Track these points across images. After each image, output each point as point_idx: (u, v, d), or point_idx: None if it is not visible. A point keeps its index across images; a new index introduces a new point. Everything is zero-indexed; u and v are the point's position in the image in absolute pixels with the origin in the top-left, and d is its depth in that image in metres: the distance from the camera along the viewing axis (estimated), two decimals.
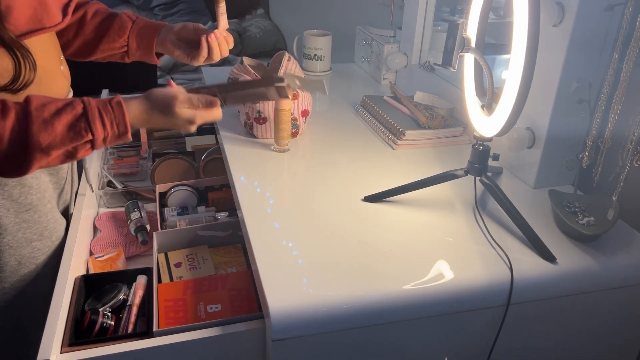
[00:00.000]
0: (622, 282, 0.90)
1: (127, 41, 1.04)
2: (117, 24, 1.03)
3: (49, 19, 0.85)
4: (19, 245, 0.93)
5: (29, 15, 0.81)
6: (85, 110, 0.77)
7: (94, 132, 0.77)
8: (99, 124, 0.78)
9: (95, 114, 0.78)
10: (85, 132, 0.77)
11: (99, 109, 0.78)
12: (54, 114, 0.76)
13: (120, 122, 0.80)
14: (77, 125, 0.77)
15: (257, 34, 3.53)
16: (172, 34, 1.03)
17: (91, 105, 0.78)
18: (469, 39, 0.91)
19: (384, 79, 1.67)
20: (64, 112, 0.76)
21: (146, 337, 0.84)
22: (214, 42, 0.99)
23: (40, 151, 0.75)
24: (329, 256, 0.87)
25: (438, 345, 0.87)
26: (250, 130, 1.26)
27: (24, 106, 0.75)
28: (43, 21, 0.84)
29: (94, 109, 0.78)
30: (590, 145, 0.98)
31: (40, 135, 0.74)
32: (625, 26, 0.88)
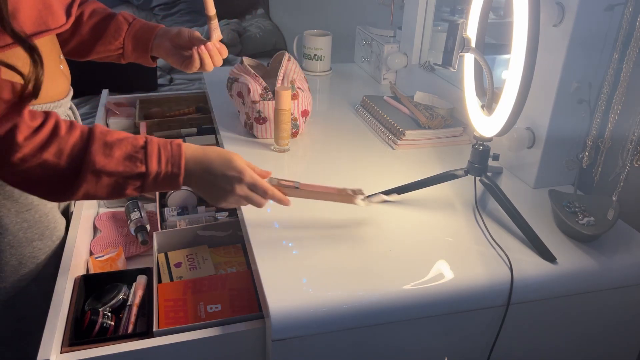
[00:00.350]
0: (622, 282, 0.90)
1: (123, 43, 1.04)
2: (114, 26, 1.03)
3: (53, 21, 0.85)
4: (20, 244, 0.93)
5: (35, 17, 0.81)
6: (145, 144, 0.77)
7: (148, 165, 0.76)
8: (155, 158, 0.77)
9: (154, 149, 0.77)
10: (141, 163, 0.76)
11: (158, 145, 0.78)
12: (117, 141, 0.76)
13: (176, 162, 0.78)
14: (134, 156, 0.76)
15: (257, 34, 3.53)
16: (167, 40, 1.02)
17: (152, 140, 0.78)
18: (469, 39, 0.91)
19: (384, 79, 1.67)
20: (126, 141, 0.77)
21: (146, 337, 0.84)
22: (204, 54, 0.99)
23: (92, 172, 0.74)
24: (329, 256, 0.87)
25: (438, 345, 0.87)
26: (250, 130, 1.26)
27: (90, 128, 0.76)
28: (48, 22, 0.84)
29: (154, 144, 0.78)
30: (590, 145, 0.98)
31: (98, 155, 0.74)
32: (625, 26, 0.88)
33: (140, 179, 0.77)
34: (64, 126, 0.75)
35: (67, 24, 0.89)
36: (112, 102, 1.71)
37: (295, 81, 1.24)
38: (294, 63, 1.27)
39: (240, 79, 1.25)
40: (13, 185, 0.77)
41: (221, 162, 0.81)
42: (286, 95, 1.14)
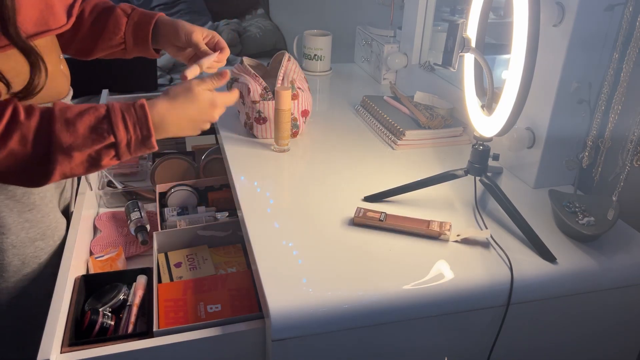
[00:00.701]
0: (622, 282, 0.90)
1: (124, 38, 1.02)
2: (112, 21, 1.00)
3: (54, 21, 0.84)
4: (23, 244, 0.93)
5: (36, 17, 0.81)
6: (108, 112, 0.76)
7: (116, 134, 0.76)
8: (121, 126, 0.76)
9: (118, 116, 0.76)
10: (108, 134, 0.76)
11: (122, 111, 0.77)
12: (77, 115, 0.75)
13: (143, 124, 0.78)
14: (99, 127, 0.75)
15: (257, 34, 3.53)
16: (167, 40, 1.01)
17: (114, 107, 0.77)
18: (469, 39, 0.91)
19: (384, 79, 1.67)
20: (87, 113, 0.76)
21: (146, 337, 0.84)
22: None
23: (62, 152, 0.74)
24: (329, 256, 0.87)
25: (438, 345, 0.87)
26: (250, 130, 1.26)
27: (49, 108, 0.75)
28: (49, 23, 0.83)
29: (117, 111, 0.77)
30: (590, 145, 0.98)
31: (62, 134, 0.73)
32: (625, 26, 0.88)
33: (113, 148, 0.77)
34: (22, 111, 0.73)
35: (67, 24, 0.88)
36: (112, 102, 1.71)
37: (295, 81, 1.24)
38: (294, 63, 1.27)
39: (240, 79, 1.25)
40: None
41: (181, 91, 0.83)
42: (286, 95, 1.14)
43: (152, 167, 1.39)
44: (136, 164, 1.48)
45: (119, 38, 1.01)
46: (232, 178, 1.10)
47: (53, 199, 1.00)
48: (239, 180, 1.08)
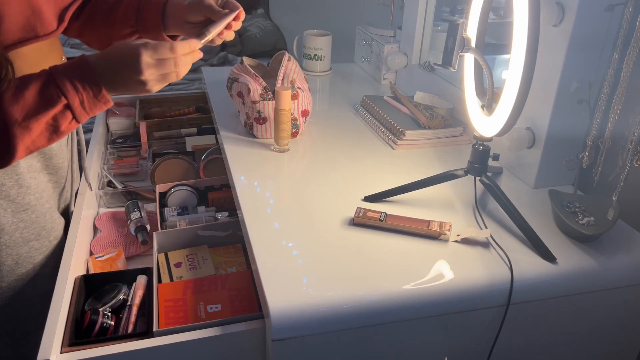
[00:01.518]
0: (622, 282, 0.90)
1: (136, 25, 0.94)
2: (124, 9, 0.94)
3: (42, 27, 0.82)
4: (16, 245, 0.93)
5: (21, 24, 0.78)
6: (51, 75, 0.73)
7: (66, 95, 0.72)
8: (68, 85, 0.73)
9: (62, 76, 0.73)
10: (57, 96, 0.72)
11: (65, 69, 0.74)
12: (22, 85, 0.72)
13: (91, 79, 0.74)
14: (46, 91, 0.72)
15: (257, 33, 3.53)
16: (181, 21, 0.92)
17: (57, 68, 0.74)
18: (469, 39, 0.91)
19: (384, 79, 1.67)
20: (31, 81, 0.73)
21: (146, 337, 0.84)
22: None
23: (18, 126, 0.71)
24: (329, 256, 0.87)
25: (438, 346, 0.87)
26: (250, 130, 1.26)
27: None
28: (36, 29, 0.81)
29: (60, 70, 0.73)
30: (590, 145, 0.98)
31: (13, 108, 0.71)
32: (625, 26, 0.88)
33: (68, 110, 0.74)
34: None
35: (57, 30, 0.85)
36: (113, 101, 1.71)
37: (295, 81, 1.24)
38: (294, 63, 1.27)
39: (240, 79, 1.25)
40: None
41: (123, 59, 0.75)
42: (286, 95, 1.14)
43: (152, 167, 1.40)
44: (136, 164, 1.48)
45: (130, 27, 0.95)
46: (232, 178, 1.10)
47: (50, 199, 0.99)
48: (239, 180, 1.08)
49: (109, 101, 0.77)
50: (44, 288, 0.96)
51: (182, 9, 0.91)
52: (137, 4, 0.94)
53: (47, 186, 0.98)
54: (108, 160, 1.48)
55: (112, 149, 1.53)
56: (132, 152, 1.55)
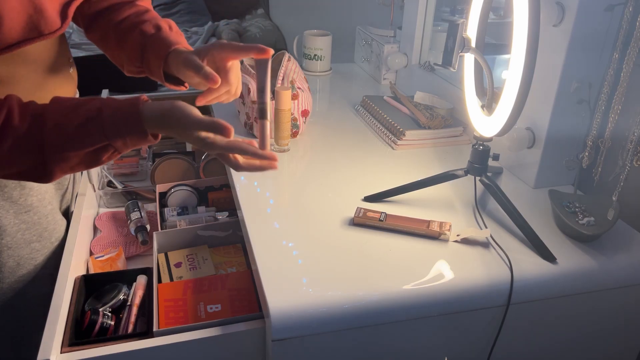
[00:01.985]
0: (622, 282, 0.90)
1: (142, 68, 0.89)
2: (130, 47, 0.88)
3: (46, 25, 0.80)
4: (18, 246, 0.92)
5: (24, 22, 0.77)
6: (99, 115, 0.72)
7: (109, 137, 0.72)
8: (113, 132, 0.72)
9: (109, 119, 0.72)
10: (99, 136, 0.72)
11: (115, 114, 0.72)
12: (68, 114, 0.72)
13: (139, 131, 0.72)
14: (91, 128, 0.71)
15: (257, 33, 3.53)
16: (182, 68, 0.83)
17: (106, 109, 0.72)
18: (469, 39, 0.91)
19: (384, 79, 1.67)
20: (77, 112, 0.72)
21: (146, 337, 0.84)
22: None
23: (56, 154, 0.72)
24: (329, 256, 0.87)
25: (438, 346, 0.87)
26: (250, 130, 1.26)
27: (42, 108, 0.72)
28: (40, 28, 0.79)
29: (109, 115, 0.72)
30: (590, 145, 0.98)
31: (53, 138, 0.71)
32: (625, 26, 0.88)
33: (110, 148, 0.73)
34: (16, 114, 0.71)
35: (62, 28, 0.83)
36: None
37: (295, 81, 1.24)
38: (294, 63, 1.27)
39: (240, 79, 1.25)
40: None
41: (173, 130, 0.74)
42: (286, 95, 1.14)
43: (152, 167, 1.39)
44: (136, 164, 1.48)
45: (138, 68, 0.90)
46: (232, 178, 1.10)
47: (53, 200, 0.99)
48: (239, 180, 1.08)
49: (152, 140, 0.75)
50: (44, 289, 0.95)
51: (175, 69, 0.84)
52: (142, 45, 0.87)
53: (49, 187, 0.98)
54: None
55: None
56: (132, 152, 1.55)
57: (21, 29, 0.77)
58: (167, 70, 0.85)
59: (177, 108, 0.74)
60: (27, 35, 0.78)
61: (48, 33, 0.80)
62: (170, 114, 0.73)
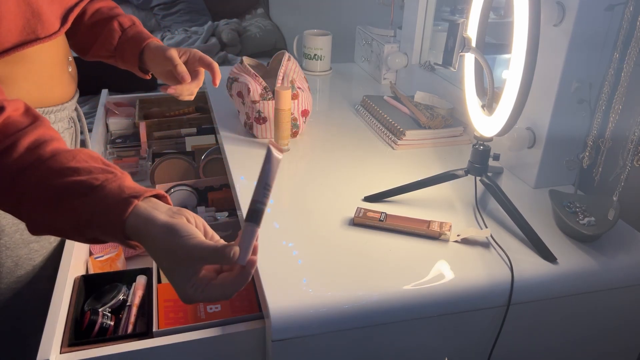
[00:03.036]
0: (623, 283, 0.90)
1: (115, 53, 1.01)
2: (107, 34, 0.99)
3: (43, 29, 0.80)
4: (16, 246, 0.92)
5: (21, 25, 0.77)
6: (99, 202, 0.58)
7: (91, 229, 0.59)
8: (104, 229, 0.59)
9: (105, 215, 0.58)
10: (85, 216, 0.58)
11: (109, 213, 0.58)
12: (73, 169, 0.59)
13: (119, 238, 0.59)
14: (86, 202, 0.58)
15: (256, 33, 3.53)
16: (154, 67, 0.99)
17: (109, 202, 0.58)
18: (469, 39, 0.91)
19: (384, 79, 1.67)
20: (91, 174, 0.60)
21: (146, 337, 0.84)
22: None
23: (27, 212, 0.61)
24: (329, 256, 0.87)
25: (438, 346, 0.87)
26: (250, 130, 1.26)
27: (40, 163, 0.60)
28: (37, 32, 0.79)
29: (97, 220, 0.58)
30: (591, 145, 0.98)
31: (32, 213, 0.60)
32: (626, 26, 0.88)
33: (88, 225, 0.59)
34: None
35: (59, 32, 0.84)
36: (112, 102, 1.71)
37: (295, 81, 1.24)
38: (294, 63, 1.27)
39: (240, 79, 1.25)
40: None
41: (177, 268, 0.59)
42: (286, 95, 1.14)
43: (151, 167, 1.39)
44: (136, 164, 1.48)
45: (109, 52, 1.01)
46: (232, 178, 1.10)
47: None
48: (239, 180, 1.08)
49: (138, 248, 0.62)
50: (43, 290, 0.95)
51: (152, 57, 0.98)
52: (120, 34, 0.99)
53: None
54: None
55: (111, 149, 1.53)
56: (132, 152, 1.55)
57: (18, 33, 0.77)
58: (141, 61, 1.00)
59: (185, 254, 0.58)
60: (24, 38, 0.78)
61: (45, 37, 0.80)
62: (177, 249, 0.58)
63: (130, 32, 1.00)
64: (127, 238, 0.59)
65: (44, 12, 0.80)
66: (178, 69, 0.92)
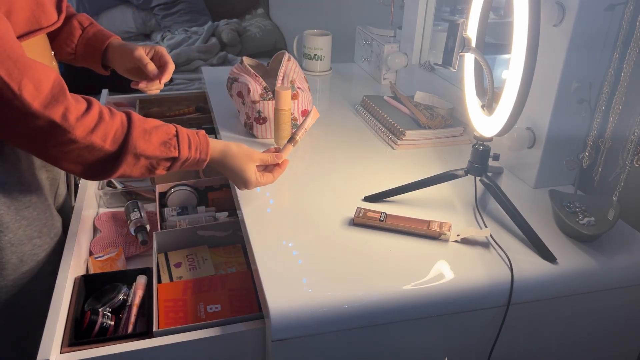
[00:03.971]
0: (623, 283, 0.90)
1: (75, 50, 1.03)
2: (67, 31, 1.01)
3: (46, 19, 0.85)
4: (20, 242, 0.93)
5: (27, 16, 0.81)
6: (177, 132, 0.87)
7: (180, 151, 0.86)
8: (186, 145, 0.87)
9: (185, 136, 0.87)
10: (175, 149, 0.86)
11: (187, 134, 0.88)
12: (153, 128, 0.84)
13: (204, 149, 0.90)
14: (169, 142, 0.85)
15: (256, 33, 3.53)
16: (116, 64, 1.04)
17: (182, 129, 0.88)
18: (469, 39, 0.91)
19: (384, 79, 1.67)
20: (161, 129, 0.85)
21: (146, 337, 0.84)
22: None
23: (133, 156, 0.82)
24: (329, 256, 0.87)
25: (438, 346, 0.87)
26: (250, 130, 1.26)
27: (128, 115, 0.83)
28: (41, 21, 0.84)
29: (184, 133, 0.88)
30: (591, 145, 0.98)
31: (139, 140, 0.82)
32: (626, 26, 0.88)
33: (171, 161, 0.87)
34: (106, 111, 0.81)
35: (59, 21, 0.88)
36: (112, 102, 1.71)
37: (295, 81, 1.24)
38: (294, 63, 1.27)
39: (240, 79, 1.25)
40: (57, 165, 0.82)
41: (236, 166, 0.95)
42: (286, 95, 1.14)
43: None
44: None
45: (70, 49, 1.03)
46: None
47: (49, 196, 1.00)
48: None
49: (202, 167, 0.92)
50: (47, 285, 0.96)
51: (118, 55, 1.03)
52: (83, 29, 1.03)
53: (45, 183, 0.99)
54: None
55: None
56: None
57: (25, 23, 0.80)
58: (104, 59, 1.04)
59: (237, 150, 0.95)
60: (29, 28, 0.82)
61: (47, 26, 0.85)
62: (238, 151, 0.95)
63: (91, 30, 1.03)
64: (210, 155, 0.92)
65: (45, 2, 0.85)
66: (148, 67, 0.99)
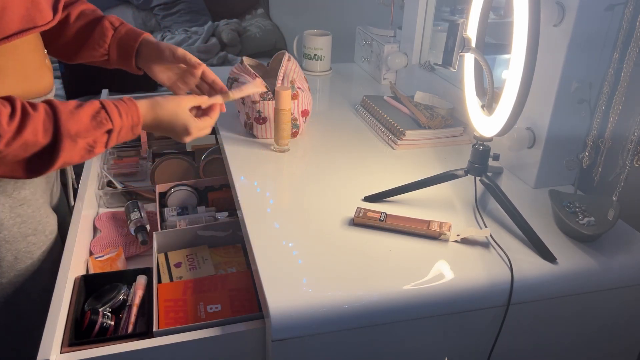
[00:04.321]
0: (623, 283, 0.90)
1: (108, 51, 1.02)
2: (98, 32, 1.01)
3: (41, 17, 0.84)
4: (15, 240, 0.93)
5: (22, 14, 0.81)
6: (102, 104, 0.84)
7: (113, 121, 0.83)
8: (116, 114, 0.84)
9: (112, 106, 0.84)
10: (107, 120, 0.83)
11: (113, 102, 0.85)
12: (77, 107, 0.82)
13: (134, 113, 0.86)
14: (98, 115, 0.83)
15: (256, 33, 3.53)
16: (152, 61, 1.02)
17: (106, 101, 0.85)
18: (469, 39, 0.91)
19: (384, 79, 1.67)
20: (85, 105, 0.83)
21: (146, 337, 0.84)
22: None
23: (69, 140, 0.80)
24: (329, 256, 0.87)
25: (438, 346, 0.87)
26: (250, 130, 1.26)
27: (48, 101, 0.81)
28: (35, 20, 0.83)
29: (110, 103, 0.85)
30: (591, 145, 0.98)
31: (69, 123, 0.80)
32: (626, 26, 0.88)
33: (107, 134, 0.84)
34: (28, 105, 0.78)
35: (53, 20, 0.88)
36: None
37: (295, 81, 1.24)
38: (294, 63, 1.27)
39: (240, 79, 1.25)
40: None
41: (169, 115, 0.90)
42: (286, 95, 1.14)
43: (152, 167, 1.39)
44: (136, 164, 1.48)
45: (103, 50, 1.02)
46: (232, 178, 1.10)
47: (44, 194, 1.00)
48: (239, 180, 1.08)
49: (139, 133, 0.89)
50: (43, 284, 0.96)
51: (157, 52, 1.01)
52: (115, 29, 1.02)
53: (40, 180, 0.99)
54: (108, 160, 1.48)
55: (112, 149, 1.53)
56: (132, 152, 1.55)
57: (19, 21, 0.80)
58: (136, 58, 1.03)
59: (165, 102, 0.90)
60: (23, 26, 0.81)
61: (42, 25, 0.85)
62: (164, 97, 0.91)
63: (123, 28, 1.02)
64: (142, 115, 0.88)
65: (41, 1, 0.85)
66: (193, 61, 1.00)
